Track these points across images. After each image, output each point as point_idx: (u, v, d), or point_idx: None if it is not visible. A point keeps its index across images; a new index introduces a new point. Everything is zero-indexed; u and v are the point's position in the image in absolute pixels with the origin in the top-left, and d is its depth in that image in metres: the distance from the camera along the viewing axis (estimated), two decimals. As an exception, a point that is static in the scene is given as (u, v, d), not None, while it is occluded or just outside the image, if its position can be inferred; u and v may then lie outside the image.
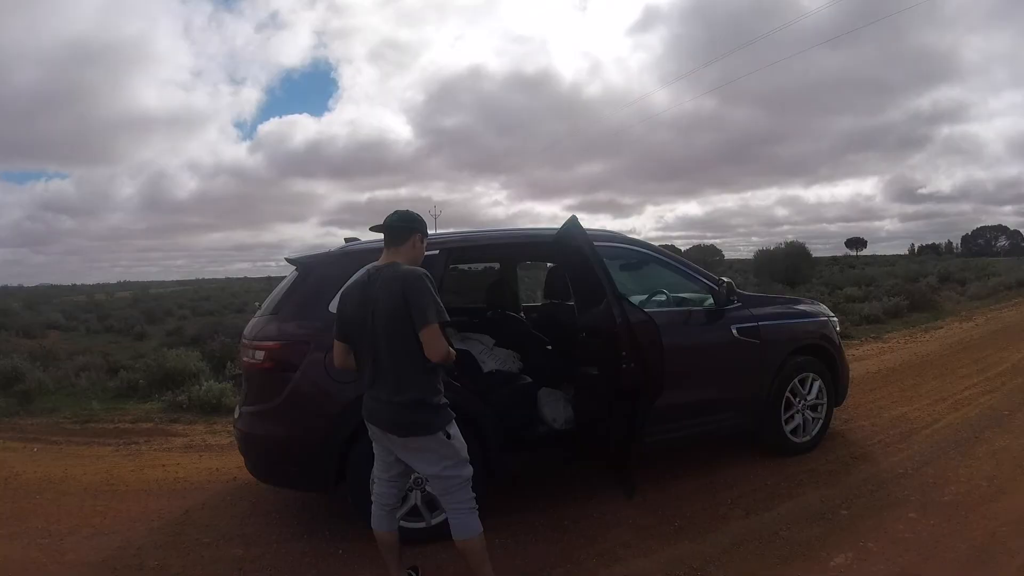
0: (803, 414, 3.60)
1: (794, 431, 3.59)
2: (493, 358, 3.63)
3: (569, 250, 2.97)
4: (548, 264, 4.46)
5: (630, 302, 2.70)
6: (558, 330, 3.81)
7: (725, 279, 3.40)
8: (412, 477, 2.51)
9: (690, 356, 3.24)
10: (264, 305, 3.14)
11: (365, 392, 2.15)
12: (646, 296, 3.52)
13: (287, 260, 3.10)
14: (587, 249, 2.70)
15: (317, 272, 2.87)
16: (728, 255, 40.48)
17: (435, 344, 1.97)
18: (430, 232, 2.33)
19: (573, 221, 2.84)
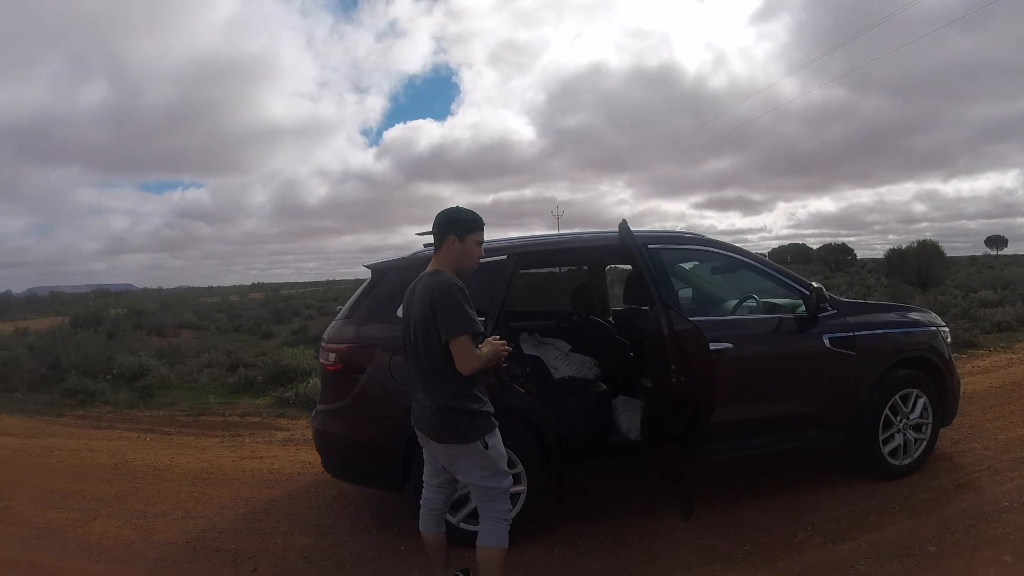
0: (904, 434, 3.92)
1: (893, 453, 3.91)
2: (567, 364, 4.21)
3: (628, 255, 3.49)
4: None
5: (678, 310, 3.04)
6: (637, 336, 4.25)
7: (815, 284, 3.73)
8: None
9: (773, 367, 3.71)
10: (343, 309, 3.92)
11: (412, 395, 2.65)
12: (736, 302, 4.10)
13: (365, 266, 3.98)
14: (636, 254, 3.13)
15: (388, 278, 3.65)
16: (862, 254, 45.47)
17: (463, 357, 2.38)
18: (522, 234, 2.90)
19: (622, 226, 3.30)
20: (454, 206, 2.62)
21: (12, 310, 34.04)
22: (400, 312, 2.92)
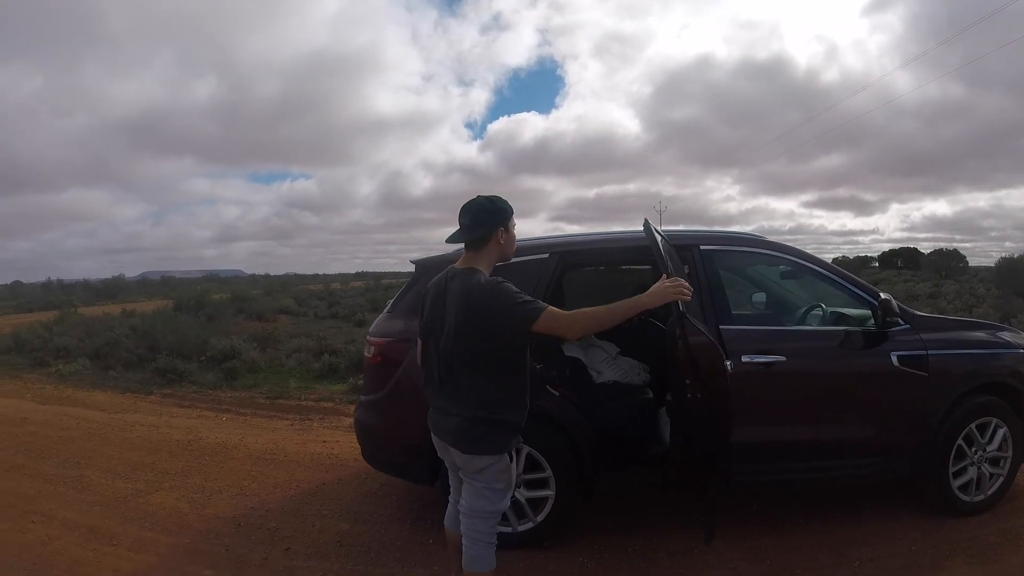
0: (979, 467, 3.77)
1: (964, 487, 3.76)
2: (613, 368, 4.28)
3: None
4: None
5: (691, 320, 2.87)
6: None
7: (883, 294, 3.64)
8: None
9: (829, 385, 3.65)
10: (389, 303, 4.19)
11: (430, 400, 2.69)
12: (803, 310, 4.21)
13: (411, 261, 4.17)
14: (659, 257, 3.01)
15: (430, 273, 3.74)
16: (976, 261, 45.02)
17: (564, 327, 2.42)
18: (600, 230, 3.09)
19: (646, 225, 3.24)
20: (484, 197, 2.62)
21: (123, 293, 38.37)
22: None
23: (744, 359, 3.39)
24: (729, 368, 3.01)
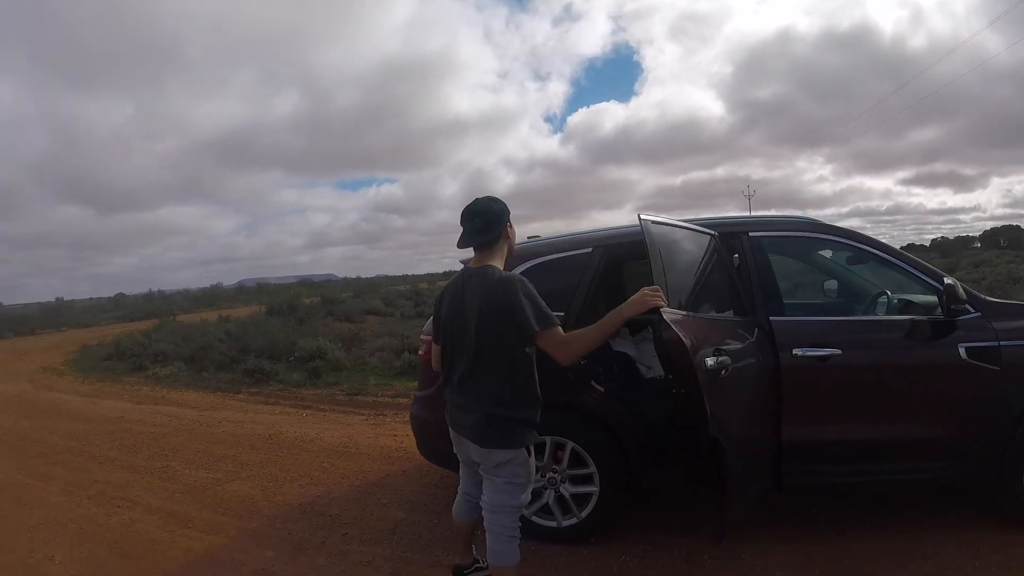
0: None
1: None
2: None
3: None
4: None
5: (667, 316, 2.81)
6: None
7: (948, 279, 3.38)
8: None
9: (890, 380, 3.44)
10: None
11: (450, 397, 2.87)
12: (868, 299, 4.09)
13: (460, 261, 4.20)
14: (653, 255, 2.95)
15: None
16: None
17: (560, 350, 2.56)
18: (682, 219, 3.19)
19: (641, 224, 3.12)
20: (486, 197, 2.80)
21: (220, 300, 41.11)
22: None
23: (796, 352, 3.31)
24: (703, 367, 2.86)
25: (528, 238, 4.29)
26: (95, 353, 15.74)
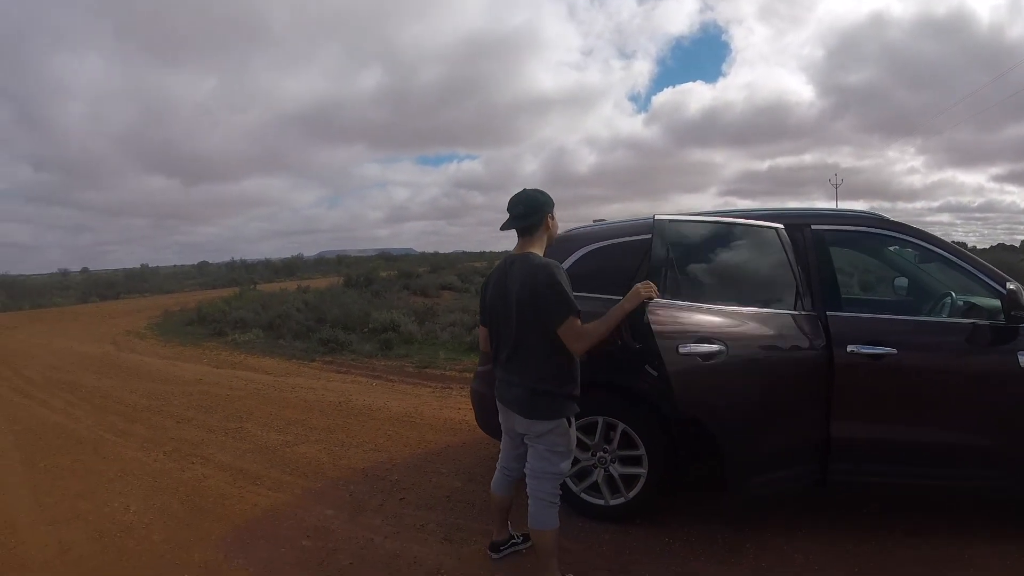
0: None
1: None
2: None
3: None
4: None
5: (652, 305, 3.02)
6: None
7: (1011, 283, 3.32)
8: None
9: (943, 383, 3.40)
10: None
11: (497, 374, 3.14)
12: (933, 299, 4.08)
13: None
14: (652, 247, 3.18)
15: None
16: None
17: (573, 340, 2.79)
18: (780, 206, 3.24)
19: (654, 225, 3.39)
20: (531, 189, 3.05)
21: (300, 270, 42.65)
22: None
23: (850, 349, 3.32)
24: (673, 352, 3.10)
25: (594, 221, 4.40)
26: (177, 318, 16.74)
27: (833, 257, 3.64)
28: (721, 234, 3.65)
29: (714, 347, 3.17)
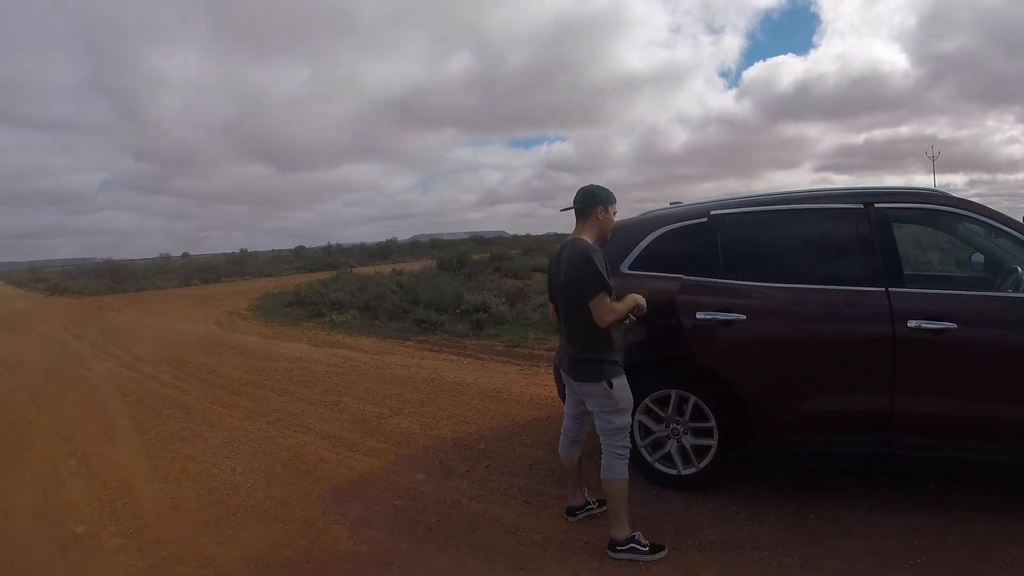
0: None
1: None
2: None
3: None
4: None
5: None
6: None
7: None
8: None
9: (1002, 360, 3.40)
10: None
11: (560, 343, 3.57)
12: (1002, 276, 3.97)
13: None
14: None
15: (616, 235, 4.31)
16: None
17: (599, 313, 3.17)
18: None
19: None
20: (592, 184, 3.45)
21: (395, 254, 44.34)
22: (624, 267, 4.03)
23: (911, 324, 3.35)
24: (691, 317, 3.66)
25: (670, 203, 4.56)
26: (277, 300, 17.64)
27: (896, 234, 3.65)
28: (780, 219, 3.87)
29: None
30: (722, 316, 3.63)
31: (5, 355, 11.35)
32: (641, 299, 3.30)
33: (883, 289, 3.44)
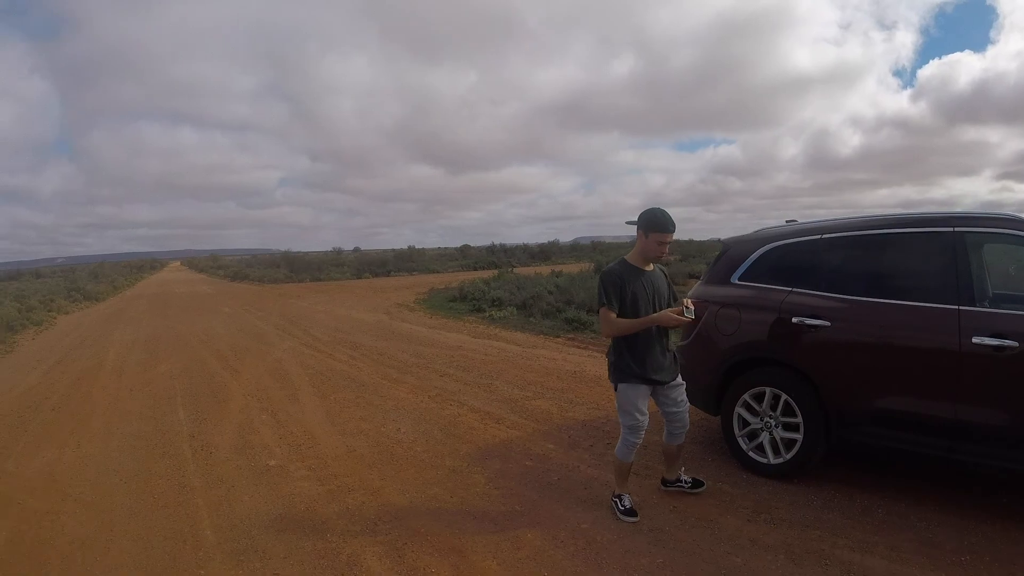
0: None
1: None
2: None
3: None
4: None
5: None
6: None
7: None
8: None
9: None
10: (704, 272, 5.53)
11: None
12: None
13: (720, 240, 5.34)
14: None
15: (730, 250, 5.11)
16: None
17: (605, 324, 3.82)
18: None
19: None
20: (654, 207, 3.83)
21: (555, 255, 46.06)
22: (735, 278, 4.79)
23: (975, 340, 3.65)
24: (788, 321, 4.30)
25: (786, 221, 5.11)
26: (441, 295, 19.27)
27: (972, 256, 3.92)
28: (871, 242, 4.32)
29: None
30: (809, 321, 4.18)
31: (197, 331, 13.52)
32: (663, 317, 3.70)
33: (955, 308, 3.80)
